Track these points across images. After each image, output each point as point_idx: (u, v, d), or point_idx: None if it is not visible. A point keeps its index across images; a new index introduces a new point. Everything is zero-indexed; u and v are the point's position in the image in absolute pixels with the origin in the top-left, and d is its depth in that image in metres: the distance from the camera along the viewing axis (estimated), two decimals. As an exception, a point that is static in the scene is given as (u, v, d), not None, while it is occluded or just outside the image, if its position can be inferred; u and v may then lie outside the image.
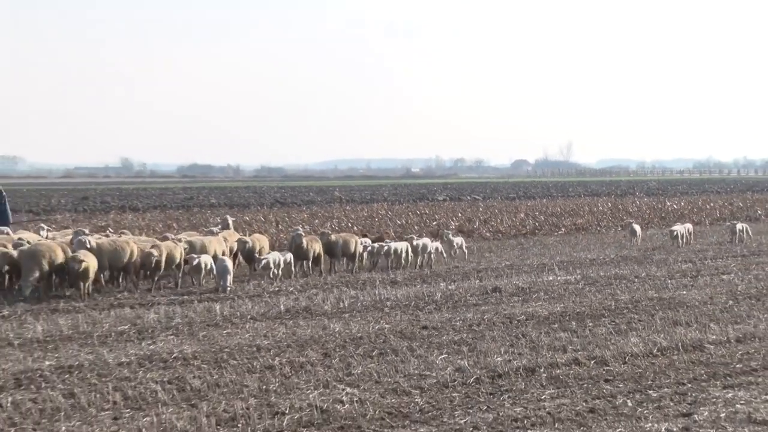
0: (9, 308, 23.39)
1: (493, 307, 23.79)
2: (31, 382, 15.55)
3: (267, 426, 13.15)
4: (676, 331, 20.25)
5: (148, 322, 21.39)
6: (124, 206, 73.98)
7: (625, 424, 13.38)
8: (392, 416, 13.76)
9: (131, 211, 66.33)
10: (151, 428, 12.96)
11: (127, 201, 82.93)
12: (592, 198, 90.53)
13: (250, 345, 18.77)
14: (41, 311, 23.10)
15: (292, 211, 65.56)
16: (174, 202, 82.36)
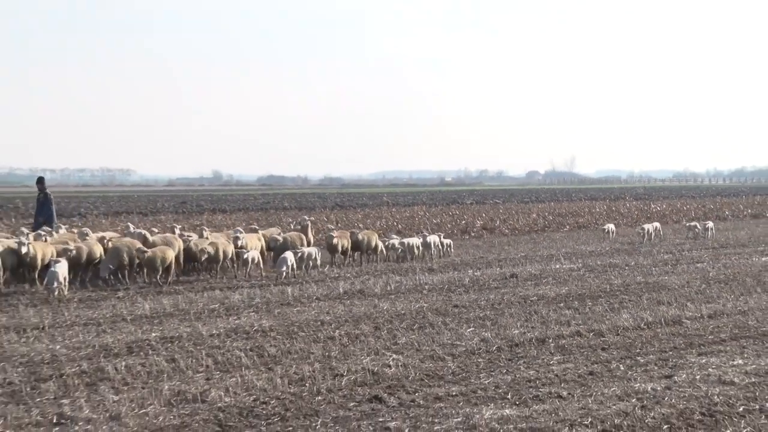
0: (123, 291, 23.53)
1: (510, 290, 23.76)
2: (140, 350, 15.63)
3: (329, 386, 13.15)
4: (659, 309, 20.20)
5: (234, 302, 21.47)
6: (215, 209, 74.20)
7: (618, 384, 13.33)
8: (430, 377, 13.75)
9: (220, 213, 66.47)
10: (236, 387, 12.99)
11: (217, 204, 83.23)
12: (591, 202, 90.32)
13: (315, 320, 18.79)
14: (149, 293, 23.21)
15: (348, 213, 65.55)
16: (255, 205, 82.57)
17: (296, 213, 62.57)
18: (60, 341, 16.36)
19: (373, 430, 11.03)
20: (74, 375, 13.67)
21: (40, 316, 19.15)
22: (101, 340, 16.42)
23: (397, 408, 12.08)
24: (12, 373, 13.73)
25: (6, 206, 75.93)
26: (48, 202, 28.69)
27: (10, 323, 18.32)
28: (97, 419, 11.41)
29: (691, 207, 73.36)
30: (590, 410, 11.85)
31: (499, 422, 11.21)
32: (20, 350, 15.43)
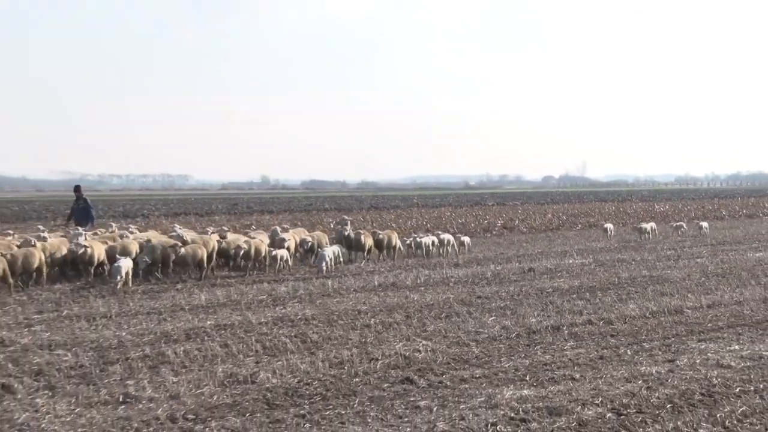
0: (182, 283, 23.60)
1: (528, 282, 23.69)
2: (197, 336, 15.66)
3: (366, 368, 13.14)
4: (662, 300, 20.09)
5: (280, 293, 21.49)
6: (263, 210, 74.42)
7: (626, 368, 13.25)
8: (455, 361, 13.72)
9: (268, 214, 66.60)
10: (282, 369, 12.99)
11: (265, 206, 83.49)
12: (600, 203, 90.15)
13: (353, 309, 18.78)
14: (204, 285, 23.27)
15: (383, 214, 65.61)
16: (299, 207, 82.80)
17: (336, 214, 62.71)
18: (125, 328, 16.43)
19: (405, 408, 11.01)
20: (138, 359, 13.71)
21: (108, 306, 19.24)
22: (162, 328, 16.47)
23: (427, 388, 12.06)
24: (83, 357, 13.78)
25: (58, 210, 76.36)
26: (88, 206, 28.76)
27: (81, 312, 18.41)
28: (159, 398, 11.44)
29: (691, 208, 73.08)
30: (601, 391, 11.79)
31: (519, 401, 11.17)
32: (90, 336, 15.50)
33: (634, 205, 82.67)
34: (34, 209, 74.30)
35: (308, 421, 10.42)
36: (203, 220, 54.36)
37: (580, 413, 10.66)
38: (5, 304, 19.66)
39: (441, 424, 10.16)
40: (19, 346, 14.53)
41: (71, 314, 18.20)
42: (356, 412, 10.80)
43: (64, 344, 14.77)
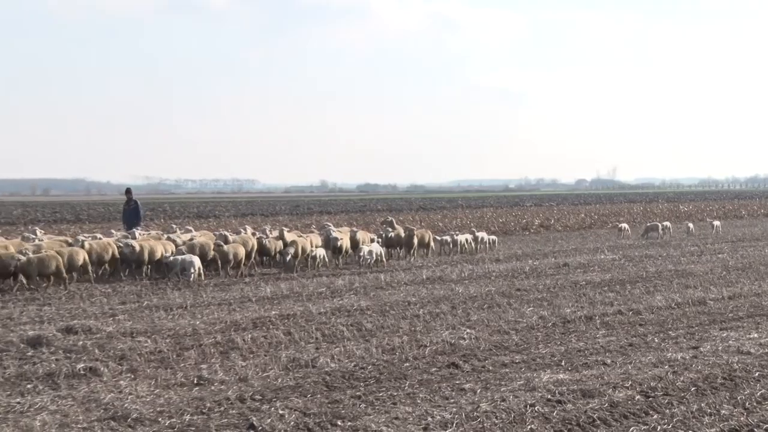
0: (249, 277, 23.72)
1: (563, 276, 23.57)
2: (263, 325, 15.71)
3: (415, 354, 13.13)
4: (687, 292, 19.94)
5: (338, 286, 21.52)
6: (321, 211, 74.69)
7: (653, 353, 13.15)
8: (497, 348, 13.67)
9: (326, 214, 66.81)
10: (340, 355, 13.02)
11: (324, 208, 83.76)
12: (629, 204, 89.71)
13: (404, 301, 18.76)
14: (269, 279, 23.39)
15: (430, 214, 65.70)
16: (354, 208, 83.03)
17: (387, 214, 62.71)
18: (199, 318, 16.53)
19: (451, 390, 10.98)
20: (210, 345, 13.79)
21: (184, 298, 19.38)
22: (232, 317, 16.55)
23: (471, 373, 12.03)
24: (161, 343, 13.89)
25: (157, 209, 77.22)
26: (138, 208, 28.84)
27: (159, 303, 18.56)
28: (229, 380, 11.50)
29: (713, 208, 72.38)
30: (630, 375, 11.70)
31: (555, 384, 11.11)
32: (168, 325, 15.62)
33: (660, 205, 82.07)
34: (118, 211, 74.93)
35: (363, 402, 10.43)
36: (267, 220, 54.61)
37: (611, 395, 10.60)
38: (92, 296, 19.89)
39: (484, 405, 10.13)
40: (104, 333, 14.67)
41: (151, 305, 18.36)
42: (407, 394, 10.80)
43: (145, 332, 14.89)
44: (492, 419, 9.58)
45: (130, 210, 28.60)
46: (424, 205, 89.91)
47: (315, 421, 9.54)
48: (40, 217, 65.40)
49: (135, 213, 28.43)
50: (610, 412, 9.90)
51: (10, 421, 9.60)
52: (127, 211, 28.83)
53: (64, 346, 13.59)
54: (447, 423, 9.45)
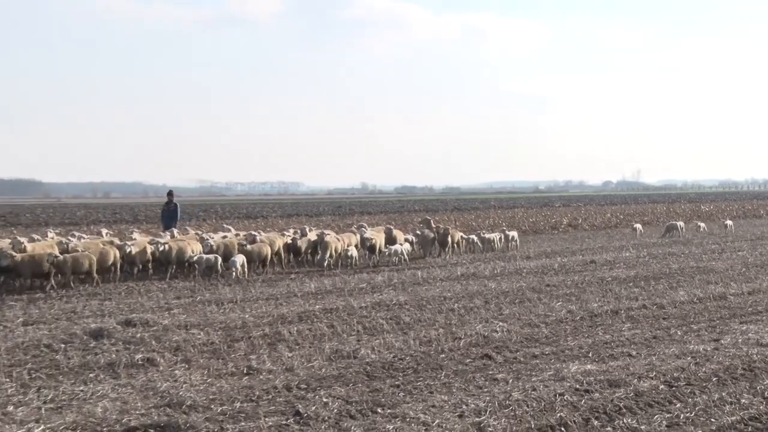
0: (295, 274, 23.80)
1: (590, 272, 23.43)
2: (307, 318, 15.75)
3: (450, 346, 13.10)
4: (708, 287, 19.75)
5: (377, 282, 21.54)
6: (362, 211, 74.77)
7: (677, 346, 13.03)
8: (527, 340, 13.62)
9: (367, 215, 66.86)
10: (380, 347, 13.02)
11: (364, 208, 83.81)
12: (653, 204, 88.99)
13: (439, 296, 18.74)
14: (313, 275, 23.44)
15: (464, 214, 65.58)
16: (392, 209, 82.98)
17: (423, 214, 62.76)
18: (248, 311, 16.61)
19: (484, 380, 10.95)
20: (259, 337, 13.85)
21: (234, 293, 19.48)
22: (278, 311, 16.61)
23: (503, 363, 11.99)
24: (213, 335, 13.96)
25: (209, 211, 77.71)
26: (176, 210, 28.87)
27: (211, 298, 18.67)
28: (276, 370, 11.54)
29: (733, 208, 71.64)
30: (654, 366, 11.61)
31: (583, 375, 11.05)
32: (219, 318, 15.70)
33: (683, 205, 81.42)
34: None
35: (402, 391, 10.43)
36: (312, 221, 54.76)
37: (636, 385, 10.52)
38: (149, 291, 20.05)
39: (516, 394, 10.10)
40: (160, 326, 14.77)
41: (203, 299, 18.48)
42: (443, 383, 10.79)
43: (198, 325, 14.98)
44: (523, 407, 9.55)
45: (170, 211, 28.70)
46: (459, 206, 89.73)
47: (357, 409, 9.56)
48: (101, 218, 65.95)
49: (173, 214, 28.54)
50: (636, 401, 9.84)
51: (74, 408, 9.70)
52: (166, 212, 28.92)
53: (123, 337, 13.71)
54: (481, 411, 9.43)
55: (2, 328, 14.91)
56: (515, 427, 8.85)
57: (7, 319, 15.81)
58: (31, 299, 18.75)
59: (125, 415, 9.33)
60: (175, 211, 28.54)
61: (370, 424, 9.02)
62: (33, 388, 10.61)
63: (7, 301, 18.45)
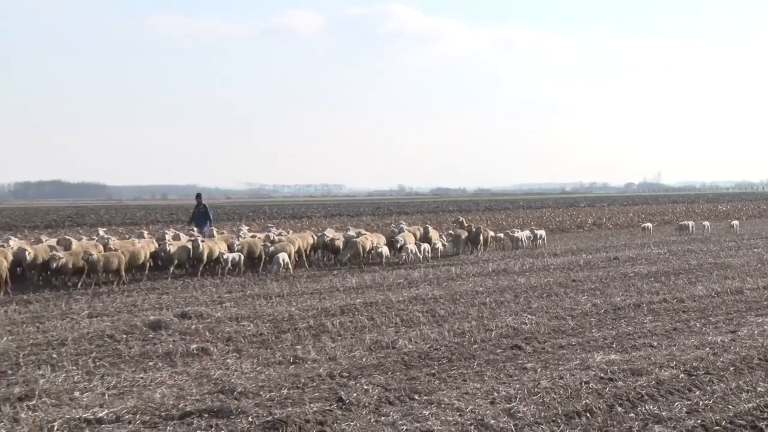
0: (338, 270, 23.86)
1: (614, 268, 23.27)
2: (349, 311, 15.79)
3: (482, 337, 13.06)
4: (725, 282, 19.55)
5: (414, 278, 21.53)
6: (400, 212, 74.71)
7: (696, 337, 12.91)
8: (555, 332, 13.54)
9: (404, 215, 66.77)
10: (416, 338, 13.01)
11: (401, 209, 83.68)
12: (672, 204, 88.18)
13: (472, 290, 18.70)
14: (354, 271, 23.48)
15: (495, 214, 65.35)
16: (428, 209, 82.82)
17: (457, 214, 62.64)
18: (294, 305, 16.67)
19: (514, 369, 10.92)
20: (304, 329, 13.90)
21: (281, 288, 19.57)
22: (322, 304, 16.66)
23: (532, 353, 11.94)
24: (262, 327, 14.04)
25: (257, 211, 78.14)
26: (207, 211, 28.80)
27: (260, 292, 18.78)
28: (320, 359, 11.57)
29: (749, 208, 70.80)
30: (675, 356, 11.51)
31: (607, 364, 10.98)
32: (267, 311, 15.78)
33: (701, 206, 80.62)
34: (225, 212, 76.06)
35: (437, 379, 10.42)
36: (352, 221, 54.83)
37: (657, 374, 10.44)
38: (203, 286, 20.20)
39: (544, 382, 10.06)
40: (213, 318, 14.88)
41: (253, 294, 18.58)
42: (475, 372, 10.77)
43: (248, 317, 15.07)
44: (551, 394, 9.52)
45: (200, 213, 28.72)
46: (490, 206, 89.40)
47: (395, 395, 9.57)
48: (159, 218, 66.51)
49: (204, 216, 28.57)
50: (657, 388, 9.76)
51: (135, 393, 9.80)
52: (197, 214, 28.91)
53: (179, 329, 13.84)
54: (511, 397, 9.41)
55: (69, 320, 15.12)
56: (543, 413, 8.81)
57: (73, 312, 16.03)
58: (95, 293, 18.99)
59: (181, 401, 9.42)
60: (206, 212, 28.62)
61: (408, 410, 9.03)
62: (97, 375, 10.74)
63: (74, 295, 18.70)
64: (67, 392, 9.83)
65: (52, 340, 12.99)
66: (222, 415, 8.82)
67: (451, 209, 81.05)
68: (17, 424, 8.61)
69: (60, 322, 14.87)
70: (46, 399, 9.49)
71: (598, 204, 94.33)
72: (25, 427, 8.45)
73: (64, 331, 13.77)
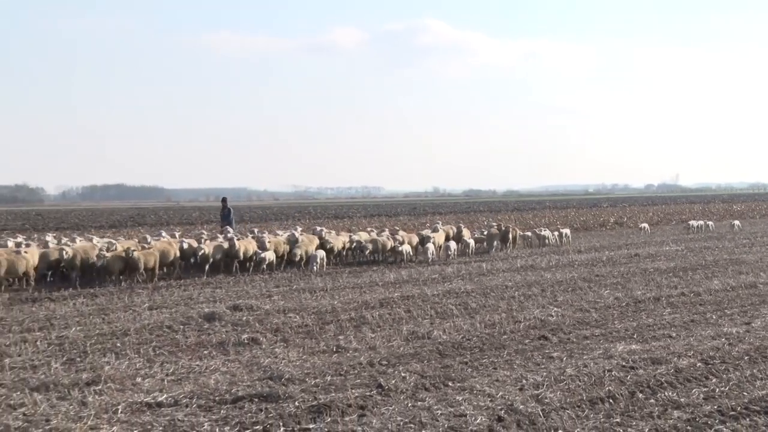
0: (377, 266, 23.88)
1: (635, 264, 23.05)
2: (387, 304, 15.79)
3: (511, 328, 13.01)
4: (740, 277, 19.32)
5: (448, 273, 21.49)
6: (434, 212, 74.58)
7: (712, 328, 12.76)
8: (579, 323, 13.45)
9: (438, 215, 66.61)
10: (450, 329, 12.99)
11: (436, 209, 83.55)
12: (690, 204, 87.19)
13: (501, 285, 18.63)
14: (392, 268, 23.50)
15: (523, 214, 65.05)
16: (461, 209, 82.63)
17: (488, 215, 62.57)
18: (337, 298, 16.72)
19: (541, 358, 10.87)
20: (346, 320, 13.94)
21: (324, 282, 19.63)
22: (363, 298, 16.69)
23: (558, 344, 11.88)
24: (307, 319, 14.10)
25: (303, 212, 78.44)
26: (230, 214, 28.77)
27: (305, 286, 18.85)
28: (361, 349, 11.60)
29: (762, 208, 69.76)
30: (692, 346, 11.39)
31: (628, 354, 10.89)
32: (312, 304, 15.84)
33: (716, 205, 79.64)
34: (273, 213, 76.55)
35: (469, 367, 10.41)
36: (390, 221, 54.84)
37: (676, 362, 10.34)
38: (253, 281, 20.31)
39: (569, 370, 10.00)
40: (263, 310, 14.97)
41: (298, 288, 18.66)
42: (505, 361, 10.73)
43: (294, 309, 15.14)
44: (576, 382, 9.46)
45: (225, 215, 28.81)
46: (518, 207, 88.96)
47: (430, 382, 9.56)
48: (213, 218, 66.95)
49: (228, 217, 28.63)
50: (676, 376, 9.66)
51: (191, 379, 9.89)
52: (223, 216, 29.07)
53: (232, 320, 13.94)
54: (539, 384, 9.36)
55: (132, 312, 15.30)
56: (569, 399, 8.76)
57: (135, 305, 16.21)
58: (155, 287, 19.18)
59: (234, 386, 9.49)
60: (229, 215, 28.68)
61: (442, 395, 9.02)
62: (157, 362, 10.86)
63: (136, 289, 18.90)
64: (129, 378, 9.95)
65: (116, 331, 13.16)
66: (271, 399, 8.87)
67: (482, 209, 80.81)
68: (85, 406, 8.73)
69: (123, 313, 15.06)
70: (111, 384, 9.61)
71: (620, 204, 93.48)
72: (92, 410, 8.57)
73: (127, 322, 13.95)
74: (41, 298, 17.44)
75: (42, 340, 12.37)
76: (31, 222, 63.14)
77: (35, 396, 9.10)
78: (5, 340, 12.48)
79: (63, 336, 12.73)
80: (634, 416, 8.24)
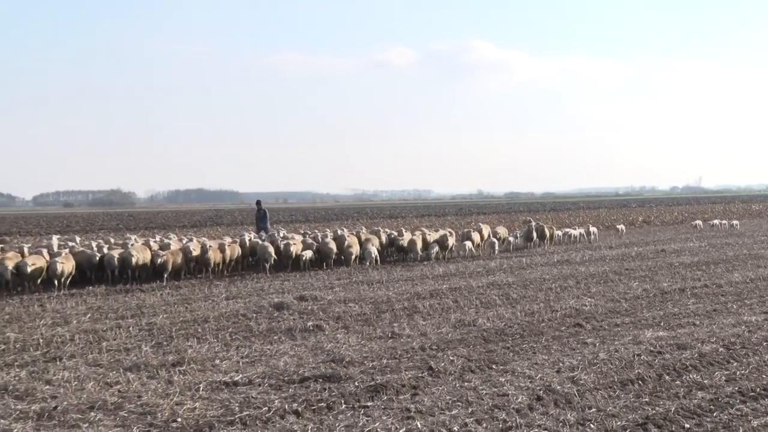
0: (427, 261, 23.86)
1: (661, 259, 22.69)
2: (437, 295, 15.78)
3: (549, 317, 12.92)
4: (759, 270, 18.92)
5: (491, 267, 21.39)
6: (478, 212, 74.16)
7: (733, 317, 12.51)
8: (610, 312, 13.29)
9: (482, 215, 66.22)
10: (493, 317, 12.94)
11: (480, 210, 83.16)
12: (712, 205, 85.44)
13: (540, 277, 18.48)
14: (440, 262, 23.46)
15: (559, 214, 64.37)
16: (502, 210, 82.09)
17: (526, 214, 62.07)
18: (391, 289, 16.76)
19: (576, 343, 10.76)
20: (400, 309, 13.97)
21: (380, 275, 19.68)
22: (414, 289, 16.71)
23: (591, 331, 11.75)
24: (365, 308, 14.16)
25: (360, 212, 78.68)
26: (265, 216, 28.31)
27: (363, 279, 18.92)
28: (413, 335, 11.61)
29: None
30: (714, 333, 11.17)
31: (656, 340, 10.73)
32: (369, 294, 15.91)
33: (737, 205, 77.92)
34: (334, 213, 77.00)
35: (511, 351, 10.35)
36: (438, 221, 54.73)
37: (700, 348, 10.16)
38: (317, 275, 20.44)
39: (602, 354, 9.89)
40: (326, 300, 15.07)
41: (357, 280, 18.74)
42: (543, 346, 10.66)
43: (353, 299, 15.21)
44: (608, 365, 9.35)
45: (260, 216, 28.31)
46: (555, 207, 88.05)
47: (476, 365, 9.54)
48: (281, 218, 67.59)
49: (264, 219, 28.19)
50: (699, 360, 9.50)
51: (263, 362, 10.01)
52: (258, 218, 28.58)
53: (298, 309, 14.06)
54: (574, 367, 9.28)
55: (211, 301, 15.54)
56: (602, 381, 8.67)
57: (214, 295, 16.46)
58: (231, 280, 19.45)
59: (300, 368, 9.58)
60: (264, 216, 28.16)
61: (487, 377, 9.00)
62: (233, 347, 11.01)
63: (214, 281, 19.20)
64: (209, 360, 10.11)
65: (198, 318, 13.38)
66: (333, 380, 8.94)
67: (522, 210, 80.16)
68: (171, 385, 8.91)
69: (203, 303, 15.31)
70: (193, 365, 9.78)
71: (647, 205, 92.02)
72: (177, 388, 8.73)
73: (206, 311, 14.17)
74: (133, 289, 17.84)
75: (134, 326, 12.65)
76: (124, 222, 64.54)
77: (128, 375, 9.32)
78: (102, 325, 12.80)
79: (152, 322, 13.00)
80: (662, 396, 8.13)
